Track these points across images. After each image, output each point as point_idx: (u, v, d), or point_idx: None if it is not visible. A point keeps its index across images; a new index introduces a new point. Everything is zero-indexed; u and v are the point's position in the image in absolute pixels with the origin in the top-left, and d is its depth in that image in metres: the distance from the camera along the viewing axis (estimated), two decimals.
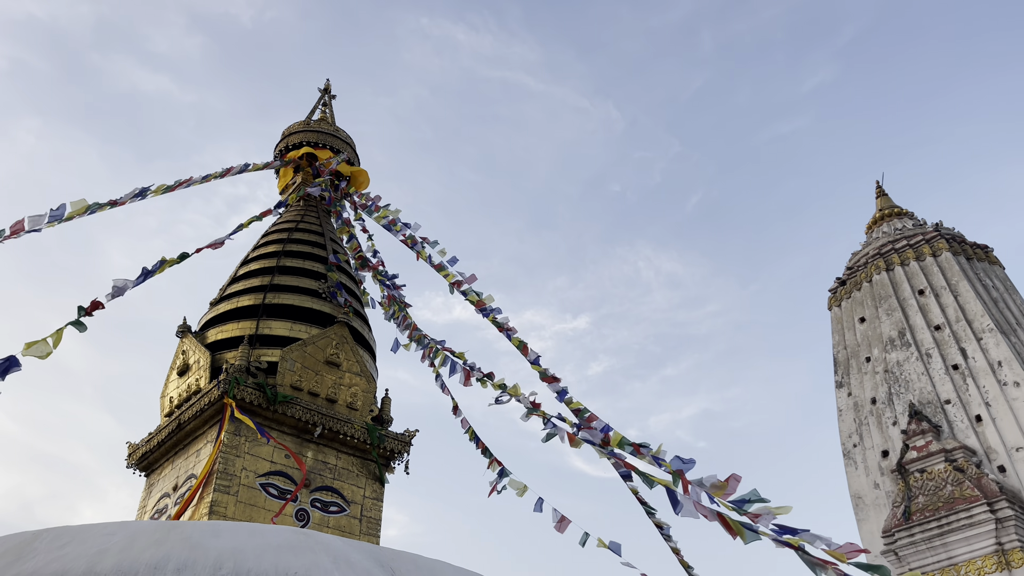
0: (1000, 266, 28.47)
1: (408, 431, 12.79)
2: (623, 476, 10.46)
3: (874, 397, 26.35)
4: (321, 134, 16.10)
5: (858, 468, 26.03)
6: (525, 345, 11.54)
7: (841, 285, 29.83)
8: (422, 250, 13.56)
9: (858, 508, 25.54)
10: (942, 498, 21.90)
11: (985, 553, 20.71)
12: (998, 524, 20.65)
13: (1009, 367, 23.59)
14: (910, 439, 23.62)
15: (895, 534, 22.40)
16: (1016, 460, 22.43)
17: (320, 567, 7.92)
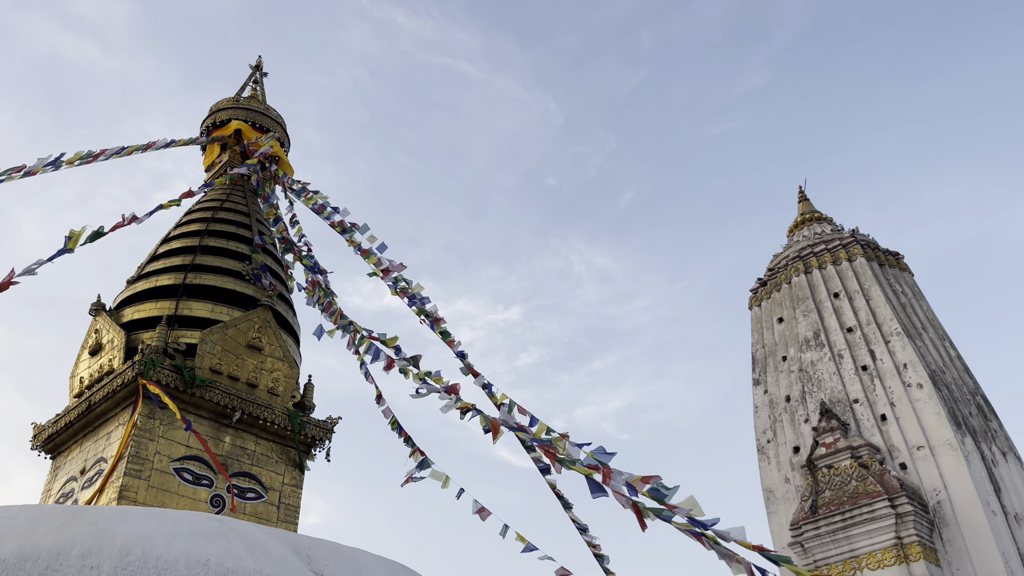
0: (910, 272, 29.82)
1: (331, 418, 12.65)
2: (542, 471, 10.57)
3: (788, 395, 27.30)
4: (251, 112, 15.70)
5: (771, 463, 26.96)
6: (450, 336, 11.51)
7: (762, 286, 30.76)
8: (351, 236, 13.38)
9: (769, 502, 26.47)
10: (847, 493, 22.87)
11: (885, 546, 21.73)
12: (898, 519, 21.68)
13: (914, 369, 24.76)
14: (820, 436, 24.57)
15: (802, 527, 23.29)
16: (917, 458, 23.58)
17: (233, 554, 7.78)
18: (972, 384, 26.52)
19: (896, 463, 23.89)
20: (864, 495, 22.40)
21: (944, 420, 23.51)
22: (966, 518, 22.02)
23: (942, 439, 23.33)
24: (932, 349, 26.36)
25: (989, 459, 24.01)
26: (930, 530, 22.21)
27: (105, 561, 6.97)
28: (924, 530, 21.94)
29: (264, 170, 14.93)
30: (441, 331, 11.53)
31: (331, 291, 13.10)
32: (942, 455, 23.18)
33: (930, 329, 27.21)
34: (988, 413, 25.90)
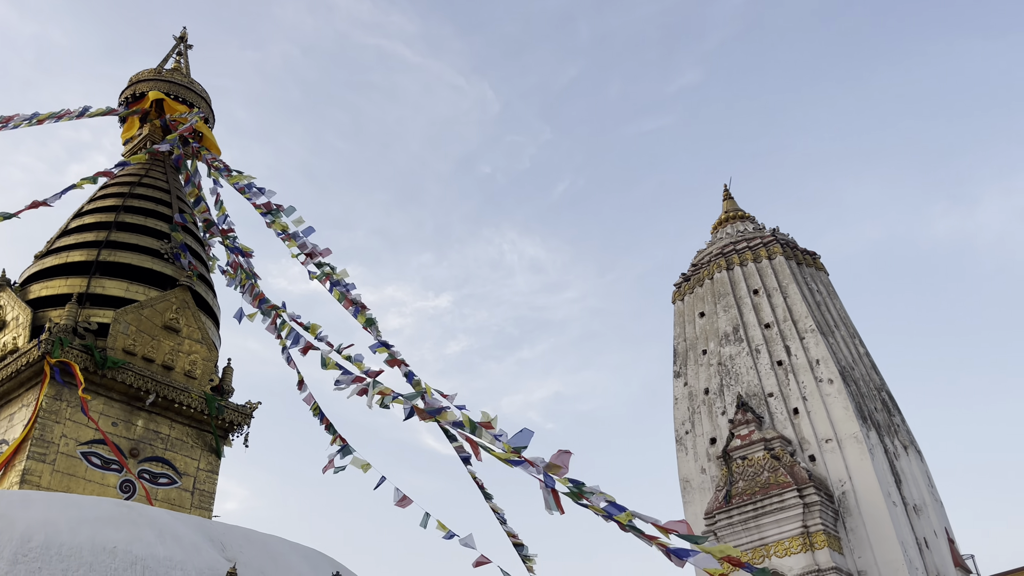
0: (825, 272, 30.95)
1: (250, 403, 12.39)
2: (464, 460, 10.59)
3: (707, 388, 28.04)
4: (173, 84, 15.17)
5: (688, 454, 27.67)
6: (374, 324, 11.39)
7: (685, 281, 31.46)
8: (277, 218, 13.09)
9: (685, 491, 27.17)
10: (759, 483, 23.67)
11: (792, 535, 22.59)
12: (805, 508, 22.56)
13: (825, 365, 25.75)
14: (736, 428, 25.33)
15: (716, 516, 24.00)
16: (825, 451, 24.56)
17: (142, 541, 7.57)
18: (878, 380, 27.75)
19: (806, 455, 24.83)
20: (775, 485, 23.22)
21: (851, 414, 24.55)
22: (868, 508, 23.07)
23: (849, 433, 24.35)
24: (843, 346, 27.45)
25: (892, 452, 25.20)
26: (835, 519, 23.20)
27: (4, 547, 6.68)
28: (829, 519, 22.89)
29: (186, 146, 14.46)
30: (365, 318, 11.40)
31: (253, 273, 12.80)
32: (848, 448, 24.20)
33: (842, 327, 28.32)
34: (892, 408, 27.16)
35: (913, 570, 22.19)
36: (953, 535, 25.38)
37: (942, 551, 23.99)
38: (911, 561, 22.36)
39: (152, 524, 7.96)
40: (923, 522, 24.14)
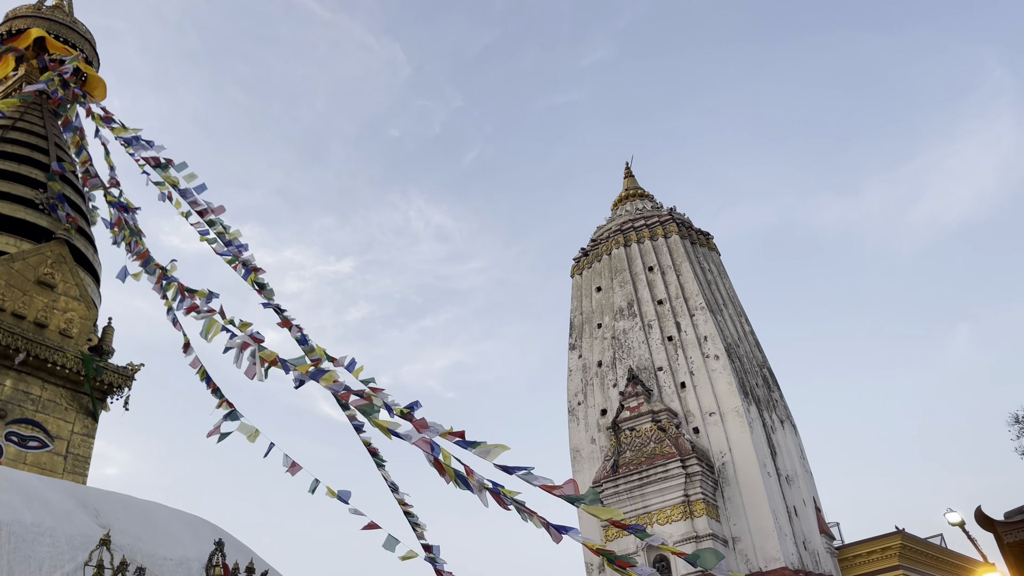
0: (717, 252, 32.10)
1: (131, 365, 11.85)
2: (356, 428, 10.49)
3: (601, 360, 28.74)
4: (54, 23, 14.14)
5: (580, 424, 28.36)
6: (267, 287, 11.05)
7: (584, 255, 32.01)
8: (166, 172, 12.46)
9: (575, 460, 27.89)
10: (645, 454, 24.54)
11: (674, 503, 23.58)
12: (687, 478, 23.57)
13: (713, 342, 26.81)
14: (626, 400, 26.11)
15: (603, 484, 24.76)
16: (708, 423, 25.67)
17: (8, 506, 7.18)
18: (761, 357, 29.13)
19: (691, 427, 25.88)
20: (660, 456, 24.12)
21: (735, 390, 25.71)
22: (745, 478, 24.32)
23: (731, 407, 25.52)
24: (730, 324, 28.63)
25: (769, 426, 26.58)
26: (714, 488, 24.34)
27: None
28: (709, 488, 24.00)
29: (66, 89, 13.53)
30: (256, 281, 11.04)
31: (138, 230, 12.19)
32: (730, 421, 25.38)
33: (730, 305, 29.51)
34: (772, 384, 28.61)
35: (783, 536, 23.57)
36: (820, 504, 27.08)
37: (810, 519, 25.59)
38: (781, 528, 23.75)
39: (19, 489, 7.55)
40: (794, 491, 25.64)
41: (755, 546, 23.40)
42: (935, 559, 33.36)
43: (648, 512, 23.80)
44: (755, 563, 23.14)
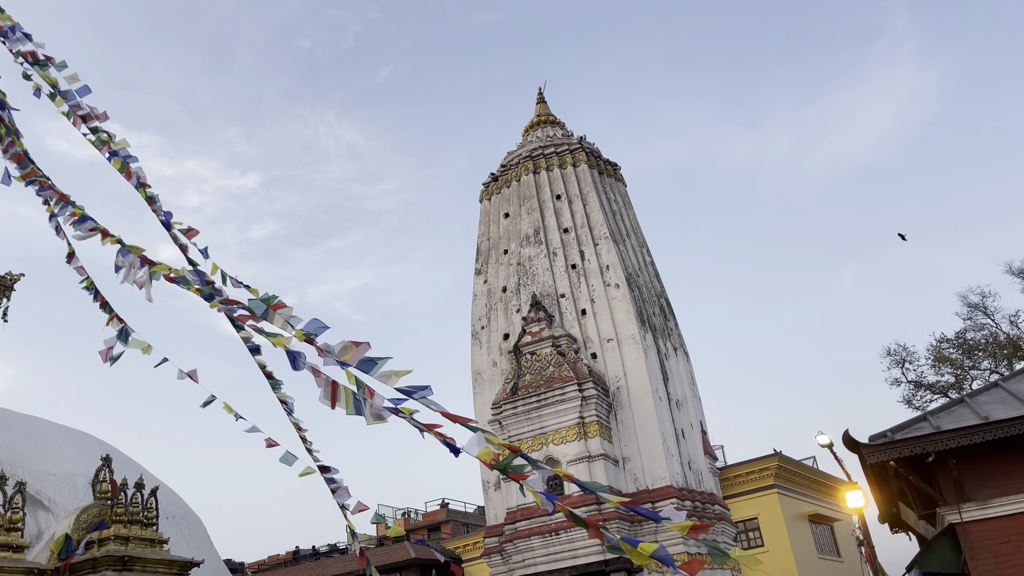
0: (623, 183, 32.55)
1: (10, 275, 11.19)
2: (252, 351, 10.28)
3: (505, 286, 29.03)
4: None
5: (482, 347, 28.75)
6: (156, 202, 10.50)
7: (494, 180, 31.87)
8: (44, 71, 11.52)
9: (476, 383, 28.37)
10: (544, 377, 25.19)
11: (569, 425, 24.41)
12: (583, 401, 24.38)
13: (614, 271, 27.44)
14: (528, 325, 26.57)
15: (502, 406, 25.35)
16: (605, 349, 26.47)
17: None
18: (659, 287, 30.05)
19: (589, 353, 26.63)
20: (558, 380, 24.81)
21: (632, 317, 26.52)
22: (638, 402, 25.36)
23: (628, 334, 26.36)
24: (632, 254, 29.30)
25: (663, 353, 27.65)
26: (608, 411, 25.30)
27: None
28: (603, 411, 24.93)
29: None
30: (146, 194, 10.47)
31: (15, 130, 11.31)
32: (626, 348, 26.24)
33: (633, 236, 30.14)
34: (668, 313, 29.64)
35: (670, 457, 24.85)
36: (706, 427, 28.59)
37: (696, 441, 27.02)
38: (669, 449, 25.01)
39: None
40: (683, 415, 26.95)
41: (643, 466, 24.60)
42: (807, 479, 35.99)
43: (544, 433, 24.57)
44: (643, 482, 24.37)
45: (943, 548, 11.41)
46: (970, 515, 11.15)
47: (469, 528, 50.15)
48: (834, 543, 36.86)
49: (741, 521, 32.18)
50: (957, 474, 11.26)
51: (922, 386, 34.06)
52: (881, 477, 13.33)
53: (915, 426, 11.97)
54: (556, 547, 23.15)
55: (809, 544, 34.05)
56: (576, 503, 23.08)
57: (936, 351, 34.03)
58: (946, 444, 11.07)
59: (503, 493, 25.43)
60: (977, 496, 11.30)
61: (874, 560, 13.27)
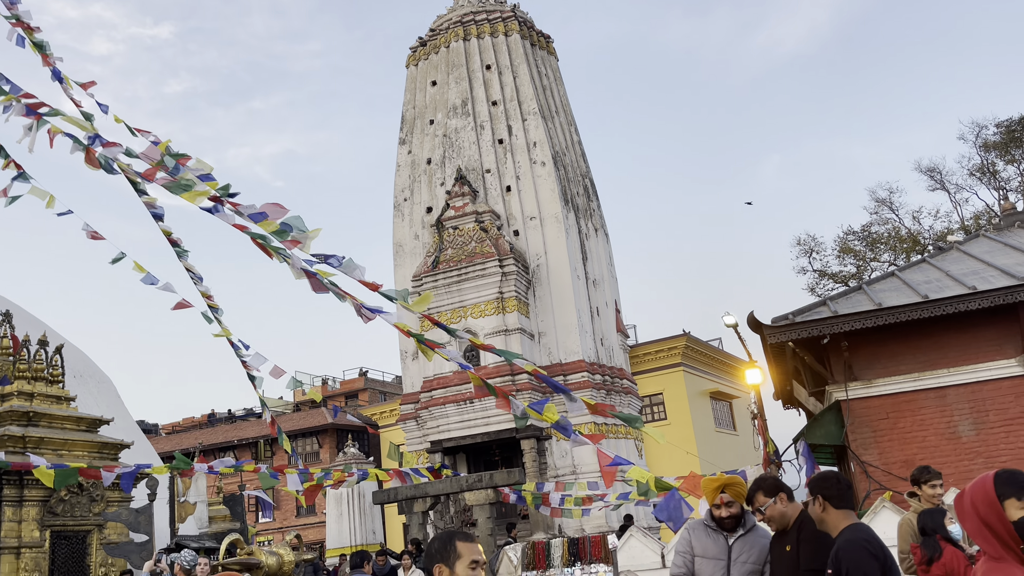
0: (556, 57, 31.79)
1: None
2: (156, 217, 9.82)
3: (430, 158, 28.49)
4: None
5: (404, 220, 28.46)
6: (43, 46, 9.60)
7: (422, 46, 30.62)
8: None
9: (398, 255, 28.25)
10: (466, 252, 25.25)
11: (488, 299, 24.75)
12: (503, 277, 24.67)
13: (541, 148, 27.21)
14: (452, 199, 26.34)
15: (423, 279, 25.42)
16: (528, 227, 26.60)
17: None
18: (584, 167, 30.05)
19: (511, 230, 26.72)
20: (480, 255, 24.93)
21: (556, 196, 26.57)
22: (557, 280, 25.82)
23: (551, 213, 26.48)
24: (560, 132, 29.02)
25: (584, 233, 27.99)
26: (527, 288, 25.71)
27: None
28: (522, 288, 25.32)
29: None
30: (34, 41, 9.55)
31: None
32: (549, 226, 26.43)
33: (562, 113, 29.75)
34: (591, 194, 29.80)
35: (584, 333, 25.63)
36: (620, 307, 29.47)
37: (609, 319, 27.89)
38: (583, 326, 25.76)
39: None
40: (599, 294, 27.64)
41: (558, 341, 25.34)
42: (711, 359, 37.86)
43: (464, 306, 24.88)
44: (556, 355, 25.16)
45: (828, 422, 12.29)
46: (855, 393, 11.98)
47: (387, 397, 51.26)
48: (731, 418, 39.33)
49: (647, 396, 33.84)
50: (848, 355, 12.00)
51: (826, 275, 35.74)
52: (779, 357, 14.12)
53: (815, 310, 12.60)
54: (470, 415, 23.94)
55: (709, 419, 36.23)
56: (491, 374, 23.75)
57: (842, 242, 35.56)
58: (840, 327, 11.71)
59: (420, 362, 25.90)
60: (863, 376, 12.11)
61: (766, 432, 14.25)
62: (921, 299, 11.49)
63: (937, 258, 14.26)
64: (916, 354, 11.93)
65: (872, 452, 11.66)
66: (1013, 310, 11.26)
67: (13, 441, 14.73)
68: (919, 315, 11.37)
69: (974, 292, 11.22)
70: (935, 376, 11.75)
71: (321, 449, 42.19)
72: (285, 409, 50.04)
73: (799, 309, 12.73)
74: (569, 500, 12.43)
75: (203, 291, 11.68)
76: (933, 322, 11.61)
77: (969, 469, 10.79)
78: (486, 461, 25.69)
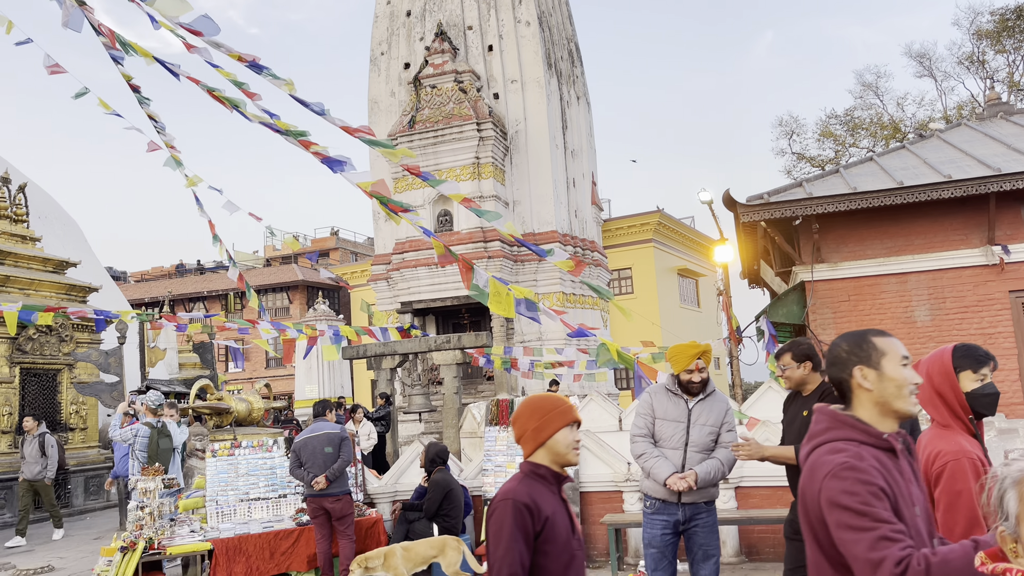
0: None
1: None
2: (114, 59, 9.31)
3: (410, 10, 27.23)
4: None
5: (381, 75, 27.51)
6: None
7: None
8: None
9: (373, 112, 27.48)
10: (444, 113, 24.62)
11: (465, 163, 24.39)
12: (480, 141, 24.21)
13: (526, 7, 26.09)
14: (431, 56, 25.40)
15: (398, 139, 24.86)
16: (509, 91, 25.89)
17: None
18: (570, 30, 28.99)
19: (491, 92, 26.01)
20: (458, 117, 24.34)
21: (540, 59, 25.74)
22: (535, 147, 25.42)
23: (533, 76, 25.73)
24: None
25: (565, 100, 27.35)
26: (504, 154, 25.33)
27: None
28: (499, 153, 24.94)
29: None
30: None
31: None
32: (530, 91, 25.74)
33: None
34: (575, 59, 28.91)
35: (558, 204, 25.55)
36: (597, 179, 29.27)
37: (585, 191, 27.76)
38: (559, 196, 25.64)
39: None
40: (576, 164, 27.36)
41: (532, 210, 25.26)
42: (682, 236, 38.19)
43: (439, 170, 24.51)
44: (530, 225, 25.15)
45: (791, 301, 12.58)
46: (820, 275, 12.21)
47: (358, 257, 51.31)
48: (696, 296, 40.16)
49: (616, 270, 34.27)
50: (817, 238, 12.14)
51: (804, 158, 35.65)
52: (750, 236, 14.25)
53: (790, 191, 12.62)
54: (440, 278, 24.11)
55: (675, 295, 36.96)
56: (463, 240, 23.76)
57: (824, 126, 35.26)
58: (813, 210, 11.78)
59: (393, 224, 25.76)
60: (830, 259, 12.31)
61: (729, 308, 14.60)
62: (895, 184, 11.54)
63: (917, 145, 14.22)
64: (884, 239, 12.11)
65: (830, 332, 12.02)
66: (984, 201, 11.37)
67: None
68: (892, 200, 11.44)
69: (948, 181, 11.27)
70: (899, 262, 11.98)
71: (291, 305, 42.54)
72: (255, 264, 49.99)
73: (774, 190, 12.74)
74: (539, 364, 12.77)
75: (167, 141, 11.34)
76: (905, 208, 11.72)
77: (921, 352, 11.20)
78: (454, 324, 26.14)
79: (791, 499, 7.87)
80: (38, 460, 11.89)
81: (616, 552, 7.94)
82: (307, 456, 7.77)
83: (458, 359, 14.49)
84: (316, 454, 7.74)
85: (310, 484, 7.66)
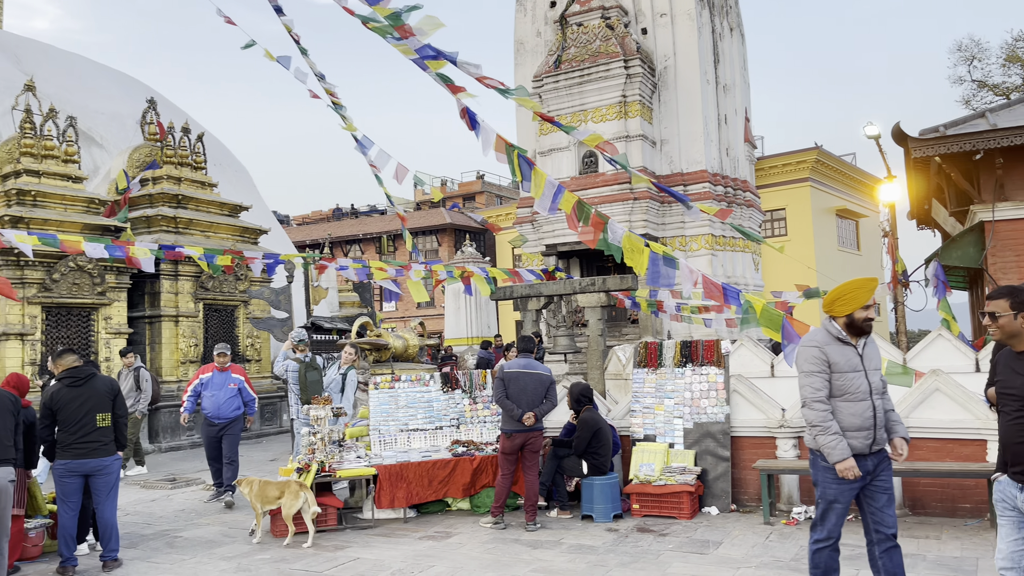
0: None
1: None
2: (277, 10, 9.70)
3: None
4: None
5: (527, 15, 27.30)
6: None
7: None
8: None
9: (519, 53, 27.40)
10: (590, 51, 24.18)
11: (611, 103, 23.94)
12: (627, 79, 23.64)
13: None
14: None
15: (544, 79, 24.71)
16: (658, 25, 25.02)
17: None
18: None
19: (639, 27, 25.23)
20: (604, 55, 23.83)
21: None
22: (685, 83, 24.54)
23: (683, 9, 24.69)
24: None
25: (718, 32, 26.11)
26: (652, 92, 24.63)
27: None
28: (647, 91, 24.28)
29: None
30: None
31: None
32: (680, 24, 24.75)
33: None
34: None
35: (708, 142, 24.66)
36: (750, 115, 27.96)
37: (737, 128, 26.60)
38: (709, 135, 24.73)
39: None
40: (728, 100, 26.21)
41: (681, 149, 24.52)
42: (841, 175, 35.98)
43: (584, 109, 24.23)
44: (678, 164, 24.48)
45: (967, 243, 11.64)
46: (1003, 214, 11.19)
47: (502, 200, 51.97)
48: (856, 238, 37.91)
49: (769, 211, 32.87)
50: (1001, 173, 11.10)
51: (986, 86, 32.42)
52: (922, 173, 13.22)
53: (971, 122, 11.56)
54: None
55: (832, 237, 35.06)
56: (609, 181, 23.51)
57: (1010, 49, 31.81)
58: (998, 142, 10.76)
59: (539, 164, 25.81)
60: (1015, 196, 11.24)
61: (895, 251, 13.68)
62: None
63: None
64: None
65: (1011, 277, 11.05)
66: None
67: (166, 221, 16.02)
68: None
69: None
70: None
71: (440, 248, 43.85)
72: (407, 208, 51.73)
73: (952, 121, 11.71)
74: (686, 308, 12.56)
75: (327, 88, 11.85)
76: None
77: None
78: (599, 267, 26.08)
79: (961, 451, 7.42)
80: (132, 393, 12.15)
81: (768, 498, 7.82)
82: (515, 390, 7.84)
83: (602, 301, 14.47)
84: (525, 391, 7.83)
85: (520, 419, 7.76)
